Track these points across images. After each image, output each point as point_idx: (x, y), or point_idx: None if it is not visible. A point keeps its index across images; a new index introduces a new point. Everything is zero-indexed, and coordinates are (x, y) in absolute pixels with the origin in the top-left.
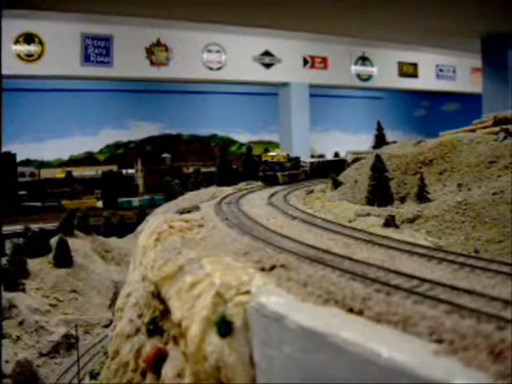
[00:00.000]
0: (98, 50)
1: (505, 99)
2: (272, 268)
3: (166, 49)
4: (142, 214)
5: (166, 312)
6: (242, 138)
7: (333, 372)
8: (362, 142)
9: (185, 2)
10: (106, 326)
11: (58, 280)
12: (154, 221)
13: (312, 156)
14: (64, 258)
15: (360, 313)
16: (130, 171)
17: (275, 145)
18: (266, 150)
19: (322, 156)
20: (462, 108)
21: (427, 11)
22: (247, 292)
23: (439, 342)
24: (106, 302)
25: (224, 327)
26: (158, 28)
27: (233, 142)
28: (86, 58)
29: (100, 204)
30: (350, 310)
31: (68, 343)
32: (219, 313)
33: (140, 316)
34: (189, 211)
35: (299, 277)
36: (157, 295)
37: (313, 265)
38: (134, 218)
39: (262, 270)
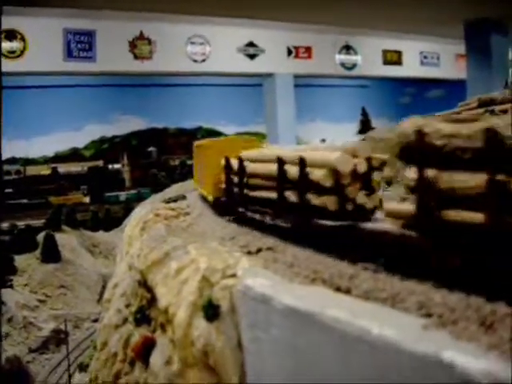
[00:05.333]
0: (80, 45)
1: (489, 84)
2: (259, 251)
3: (149, 42)
4: (129, 207)
5: (152, 300)
6: (228, 129)
7: (322, 351)
8: (348, 130)
9: None
10: (95, 321)
11: (46, 275)
12: (140, 211)
13: None
14: (51, 254)
15: (347, 291)
16: (116, 166)
17: (261, 135)
18: None
19: None
20: (447, 94)
21: None
22: (233, 275)
23: (428, 316)
24: (94, 296)
25: (211, 311)
26: (141, 21)
27: (218, 133)
28: (69, 54)
29: (87, 199)
30: (338, 289)
31: (57, 338)
32: (205, 297)
33: (127, 306)
34: (175, 200)
35: (285, 258)
36: (143, 283)
37: (299, 246)
38: (121, 212)
39: (249, 253)
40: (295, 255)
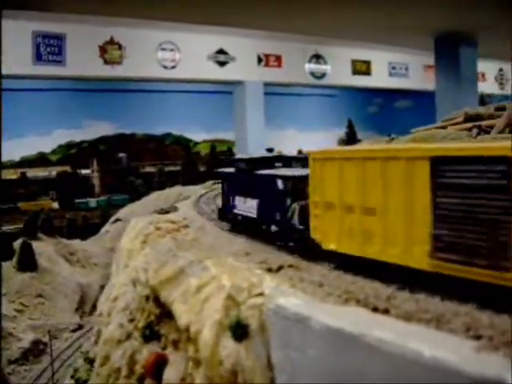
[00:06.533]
0: (50, 48)
1: (457, 96)
2: (279, 268)
3: (120, 47)
4: (105, 215)
5: (162, 316)
6: (197, 136)
7: (367, 373)
8: (316, 138)
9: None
10: (74, 331)
11: (23, 284)
12: (137, 222)
13: None
14: (28, 262)
15: (386, 312)
16: (85, 171)
17: (231, 143)
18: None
19: None
20: (414, 105)
21: (380, 9)
22: (261, 294)
23: (477, 338)
24: (72, 305)
25: (240, 331)
26: (111, 26)
27: (187, 140)
28: (38, 57)
29: (56, 205)
30: (375, 310)
31: (37, 349)
32: (233, 316)
33: (131, 321)
34: (167, 212)
35: (312, 277)
36: (153, 299)
37: (324, 264)
38: (96, 219)
39: (269, 270)
40: (323, 274)
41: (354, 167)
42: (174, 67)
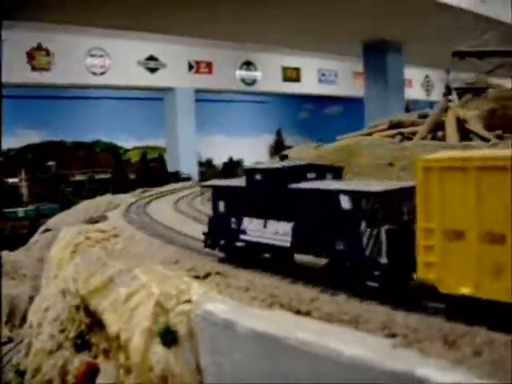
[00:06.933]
0: None
1: (385, 103)
2: (207, 275)
3: (48, 53)
4: (33, 225)
5: (92, 326)
6: (128, 143)
7: (291, 374)
8: (247, 144)
9: (65, 5)
10: (4, 344)
11: None
12: (67, 232)
13: None
14: None
15: (308, 314)
16: (12, 180)
17: (162, 150)
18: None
19: None
20: (344, 111)
21: (309, 16)
22: (188, 301)
23: (393, 336)
24: (2, 318)
25: (169, 337)
26: (39, 32)
27: (117, 147)
28: None
29: None
30: (297, 312)
31: None
32: (162, 323)
33: (62, 331)
34: (96, 221)
35: (239, 283)
36: (84, 309)
37: (250, 270)
38: (25, 229)
39: (197, 277)
40: (249, 279)
41: (506, 179)
42: (103, 73)
